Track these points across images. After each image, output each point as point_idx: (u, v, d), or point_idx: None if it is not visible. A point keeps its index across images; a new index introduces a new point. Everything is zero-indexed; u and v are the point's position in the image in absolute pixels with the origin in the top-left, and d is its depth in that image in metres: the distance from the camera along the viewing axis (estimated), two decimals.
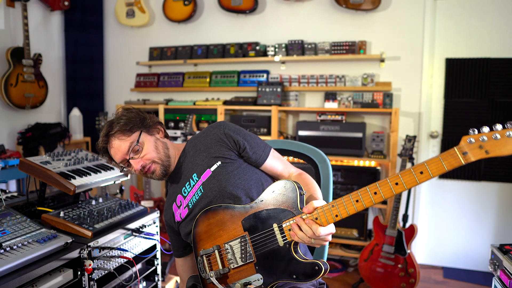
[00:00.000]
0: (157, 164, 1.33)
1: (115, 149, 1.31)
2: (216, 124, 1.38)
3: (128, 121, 1.31)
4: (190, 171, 1.35)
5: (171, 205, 1.41)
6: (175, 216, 1.38)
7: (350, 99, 3.07)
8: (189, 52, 3.52)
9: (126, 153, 1.30)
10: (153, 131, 1.37)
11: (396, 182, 0.93)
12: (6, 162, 2.49)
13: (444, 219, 3.10)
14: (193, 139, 1.42)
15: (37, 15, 3.57)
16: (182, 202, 1.35)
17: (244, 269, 1.13)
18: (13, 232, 1.24)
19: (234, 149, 1.31)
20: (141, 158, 1.31)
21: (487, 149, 0.84)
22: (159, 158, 1.33)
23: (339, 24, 3.19)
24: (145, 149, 1.31)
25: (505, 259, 1.32)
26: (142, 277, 1.63)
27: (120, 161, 1.32)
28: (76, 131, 3.64)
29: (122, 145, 1.30)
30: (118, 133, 1.30)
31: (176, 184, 1.39)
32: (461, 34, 2.95)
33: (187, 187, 1.34)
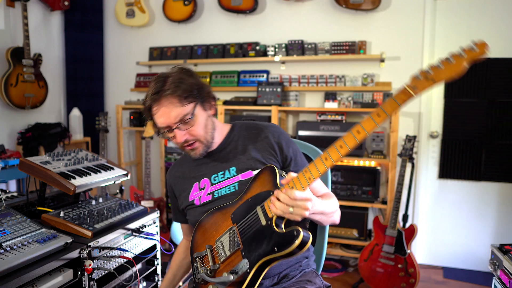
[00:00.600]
0: (200, 143, 1.25)
1: (162, 113, 1.18)
2: (272, 127, 1.32)
3: (188, 87, 1.18)
4: (229, 162, 1.29)
5: (191, 182, 1.34)
6: (190, 195, 1.32)
7: (350, 99, 3.07)
8: (189, 52, 3.52)
9: (174, 121, 1.18)
10: (207, 106, 1.26)
11: (357, 131, 0.99)
12: (6, 162, 2.50)
13: (444, 219, 3.10)
14: (242, 130, 1.35)
15: (37, 15, 3.57)
16: (207, 187, 1.29)
17: (233, 259, 1.12)
18: (13, 232, 1.24)
19: (280, 162, 1.28)
20: (188, 132, 1.21)
21: (432, 77, 0.91)
22: (205, 138, 1.25)
23: (339, 24, 3.19)
24: (195, 124, 1.21)
25: (505, 259, 1.32)
26: (142, 277, 1.63)
27: (163, 126, 1.21)
28: (76, 131, 3.64)
29: (172, 111, 1.17)
30: (172, 96, 1.17)
31: (206, 165, 1.32)
32: (461, 34, 2.95)
33: (219, 176, 1.28)
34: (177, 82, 1.18)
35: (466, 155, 2.99)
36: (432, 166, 3.11)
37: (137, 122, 3.59)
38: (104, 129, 3.36)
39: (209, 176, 1.30)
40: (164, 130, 1.22)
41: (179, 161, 1.46)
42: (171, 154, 3.44)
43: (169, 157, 3.45)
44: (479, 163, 2.95)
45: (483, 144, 2.94)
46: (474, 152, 2.96)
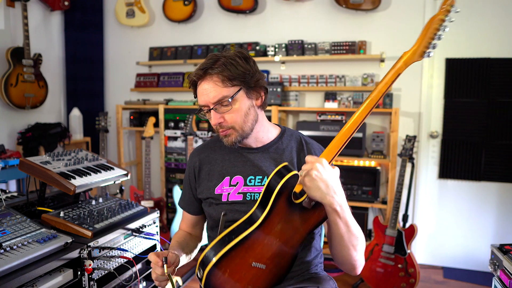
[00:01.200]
0: (235, 131, 1.17)
1: (204, 90, 1.14)
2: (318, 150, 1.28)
3: (236, 70, 1.13)
4: (270, 169, 1.20)
5: (221, 174, 1.25)
6: (217, 188, 1.24)
7: (350, 99, 3.07)
8: (189, 52, 3.52)
9: (212, 101, 1.14)
10: (253, 94, 1.19)
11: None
12: (6, 162, 2.50)
13: (444, 219, 3.10)
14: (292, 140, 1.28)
15: (37, 15, 3.57)
16: (239, 185, 1.22)
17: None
18: (13, 232, 1.24)
19: None
20: (224, 115, 1.15)
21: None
22: (241, 127, 1.17)
23: (339, 24, 3.19)
24: (234, 109, 1.14)
25: (505, 259, 1.32)
26: (142, 277, 1.63)
27: (202, 104, 1.17)
28: (76, 131, 3.64)
29: (213, 91, 1.13)
30: (217, 76, 1.13)
31: (244, 162, 1.24)
32: (461, 34, 2.95)
33: (256, 180, 1.21)
34: (228, 63, 1.13)
35: (466, 155, 2.99)
36: (432, 166, 3.11)
37: (137, 122, 3.59)
38: (104, 129, 3.36)
39: (244, 176, 1.23)
40: (203, 108, 1.18)
41: (211, 145, 1.35)
42: (171, 154, 3.44)
43: (169, 157, 3.45)
44: (479, 163, 2.95)
45: (483, 144, 2.93)
46: (474, 152, 2.96)
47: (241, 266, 1.01)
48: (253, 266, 1.02)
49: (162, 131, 3.42)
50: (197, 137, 3.29)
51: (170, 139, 3.43)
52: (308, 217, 1.06)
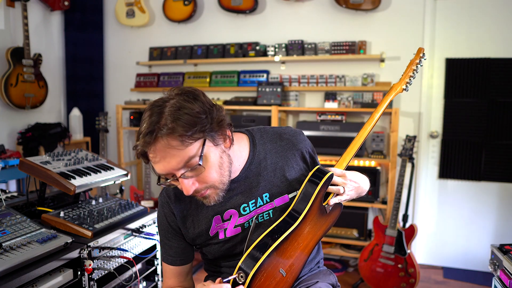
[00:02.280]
0: (215, 190, 0.98)
1: (160, 159, 0.90)
2: (300, 135, 1.16)
3: (191, 119, 0.88)
4: (259, 187, 1.08)
5: (207, 217, 1.09)
6: (211, 230, 1.08)
7: (350, 99, 3.06)
8: (189, 52, 3.52)
9: (177, 168, 0.91)
10: (220, 139, 0.97)
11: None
12: (6, 162, 2.50)
13: (444, 219, 3.10)
14: (266, 142, 1.13)
15: (37, 15, 3.57)
16: (234, 218, 1.08)
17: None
18: (13, 232, 1.24)
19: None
20: (197, 179, 0.95)
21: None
22: (221, 181, 0.98)
23: (339, 24, 3.19)
24: (206, 167, 0.94)
25: (505, 259, 1.32)
26: (142, 277, 1.63)
27: (164, 174, 0.94)
28: (76, 131, 3.64)
29: (173, 157, 0.89)
30: (171, 136, 0.87)
31: (230, 198, 1.08)
32: (461, 34, 2.95)
33: (251, 206, 1.08)
34: (175, 113, 0.88)
35: (466, 155, 2.99)
36: (432, 166, 3.11)
37: (137, 122, 3.59)
38: (104, 129, 3.36)
39: (236, 208, 1.08)
40: (167, 176, 0.95)
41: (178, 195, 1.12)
42: None
43: None
44: (479, 163, 2.95)
45: (483, 144, 2.93)
46: (474, 152, 2.96)
47: (272, 273, 0.96)
48: (279, 272, 0.98)
49: None
50: None
51: None
52: (324, 221, 1.08)
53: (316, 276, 1.20)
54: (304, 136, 1.21)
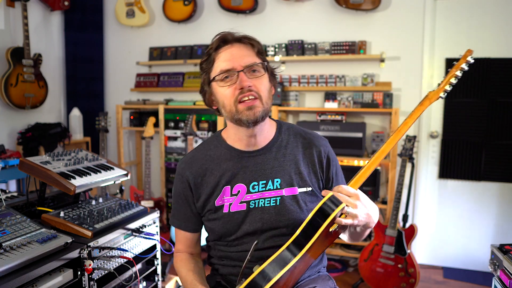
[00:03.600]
0: (261, 104, 1.08)
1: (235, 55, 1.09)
2: (323, 140, 1.21)
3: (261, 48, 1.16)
4: (273, 171, 1.14)
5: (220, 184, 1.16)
6: (218, 199, 1.16)
7: (350, 99, 3.06)
8: (189, 52, 3.52)
9: (243, 63, 1.08)
10: (271, 81, 1.16)
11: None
12: (6, 162, 2.50)
13: (444, 219, 3.10)
14: (290, 134, 1.21)
15: (37, 15, 3.57)
16: (241, 194, 1.14)
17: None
18: (13, 232, 1.24)
19: (323, 180, 1.18)
20: (253, 80, 1.08)
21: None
22: (266, 101, 1.10)
23: (339, 24, 3.19)
24: (262, 77, 1.10)
25: (505, 259, 1.32)
26: (142, 277, 1.63)
27: (228, 68, 1.08)
28: (76, 131, 3.64)
29: (247, 56, 1.09)
30: (251, 45, 1.13)
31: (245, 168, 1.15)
32: (461, 34, 2.95)
33: (260, 185, 1.14)
34: (257, 41, 1.16)
35: (466, 155, 2.99)
36: (432, 166, 3.11)
37: (137, 122, 3.59)
38: (104, 129, 3.36)
39: (246, 183, 1.14)
40: (226, 73, 1.08)
41: (200, 155, 1.23)
42: (171, 154, 3.44)
43: (169, 157, 3.45)
44: (479, 163, 2.95)
45: (483, 144, 2.93)
46: (474, 152, 2.96)
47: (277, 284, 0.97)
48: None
49: (162, 131, 3.42)
50: (197, 137, 3.29)
51: (170, 139, 3.43)
52: (329, 239, 1.04)
53: (315, 281, 1.20)
54: (327, 142, 1.24)
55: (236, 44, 1.11)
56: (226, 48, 1.10)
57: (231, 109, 1.09)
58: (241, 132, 1.15)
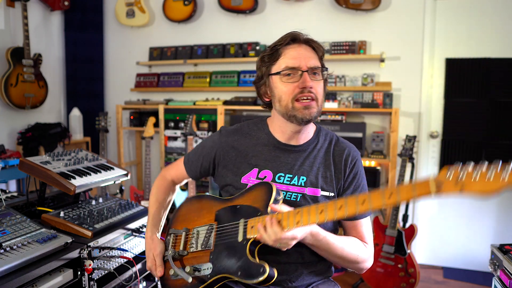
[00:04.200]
0: (316, 106, 1.14)
1: (303, 54, 1.15)
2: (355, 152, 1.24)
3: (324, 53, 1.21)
4: (302, 169, 1.19)
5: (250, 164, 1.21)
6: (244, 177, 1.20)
7: (350, 99, 3.06)
8: (189, 52, 3.52)
9: (309, 65, 1.13)
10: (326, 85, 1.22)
11: (363, 201, 0.90)
12: (6, 162, 2.50)
13: (444, 219, 3.10)
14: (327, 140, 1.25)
15: (37, 15, 3.57)
16: (266, 179, 1.18)
17: (201, 255, 1.15)
18: (13, 232, 1.24)
19: (340, 189, 1.20)
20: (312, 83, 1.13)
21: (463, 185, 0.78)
22: (321, 104, 1.16)
23: (339, 24, 3.19)
24: (321, 82, 1.17)
25: (505, 259, 1.32)
26: (142, 277, 1.63)
27: (294, 67, 1.14)
28: (76, 131, 3.64)
29: (313, 58, 1.16)
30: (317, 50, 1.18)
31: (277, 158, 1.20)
32: (461, 34, 2.95)
33: (286, 178, 1.18)
34: (320, 44, 1.21)
35: (466, 155, 2.99)
36: (432, 166, 3.11)
37: (137, 122, 3.59)
38: (104, 129, 3.36)
39: (274, 171, 1.19)
40: (289, 71, 1.14)
41: (243, 130, 1.30)
42: (171, 154, 3.44)
43: (169, 157, 3.45)
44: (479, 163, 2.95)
45: (483, 144, 2.93)
46: (474, 152, 2.96)
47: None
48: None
49: (162, 131, 3.42)
50: (197, 137, 3.29)
51: (170, 139, 3.43)
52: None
53: (319, 285, 1.21)
54: (359, 155, 1.26)
55: (304, 45, 1.17)
56: (295, 47, 1.17)
57: (287, 104, 1.14)
58: (288, 127, 1.19)
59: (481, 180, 0.76)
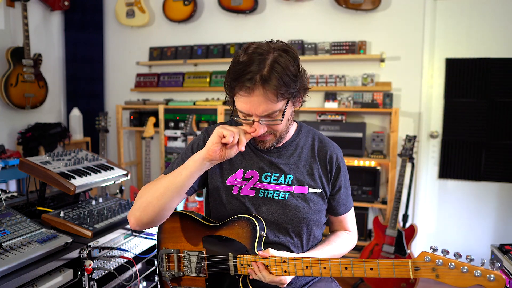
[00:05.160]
0: (274, 138, 1.12)
1: (253, 102, 1.01)
2: (338, 149, 1.24)
3: (288, 80, 1.00)
4: (288, 167, 1.17)
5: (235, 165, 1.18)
6: (229, 179, 1.18)
7: (350, 99, 3.06)
8: (189, 52, 3.52)
9: (259, 114, 1.04)
10: (297, 101, 1.11)
11: (345, 267, 0.98)
12: (6, 162, 2.50)
13: (444, 219, 3.10)
14: (309, 137, 1.23)
15: (37, 15, 3.57)
16: (253, 181, 1.17)
17: (196, 279, 1.18)
18: (13, 232, 1.24)
19: (329, 186, 1.21)
20: (268, 126, 1.08)
21: (438, 273, 0.88)
22: (281, 134, 1.12)
23: (339, 24, 3.19)
24: (277, 124, 1.08)
25: (505, 259, 1.32)
26: (142, 277, 1.63)
27: (245, 113, 1.06)
28: (76, 131, 3.64)
29: (262, 104, 1.01)
30: (272, 91, 0.99)
31: (261, 158, 1.18)
32: (461, 34, 2.95)
33: (273, 178, 1.16)
34: (284, 75, 0.99)
35: (466, 155, 2.99)
36: (432, 166, 3.11)
37: (137, 122, 3.59)
38: (104, 129, 3.36)
39: (260, 171, 1.17)
40: (243, 117, 1.08)
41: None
42: (171, 154, 3.44)
43: (169, 157, 3.45)
44: (479, 163, 2.95)
45: (483, 144, 2.93)
46: (474, 152, 2.96)
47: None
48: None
49: (162, 131, 3.42)
50: None
51: (170, 139, 3.43)
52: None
53: (318, 283, 1.23)
54: (341, 153, 1.27)
55: (256, 90, 1.00)
56: (245, 95, 1.02)
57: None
58: None
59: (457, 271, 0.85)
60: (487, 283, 0.82)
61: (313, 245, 1.23)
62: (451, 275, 0.86)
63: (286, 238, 1.15)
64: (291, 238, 1.16)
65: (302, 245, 1.18)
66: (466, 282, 0.84)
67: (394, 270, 0.92)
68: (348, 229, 1.32)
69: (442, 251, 0.90)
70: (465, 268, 0.85)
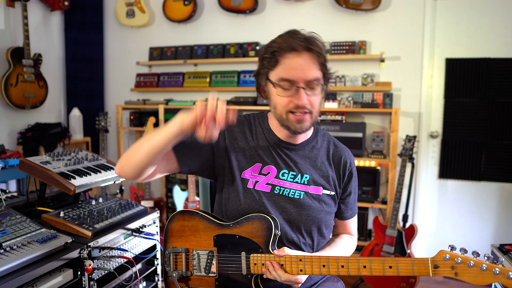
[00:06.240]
0: (310, 118, 1.11)
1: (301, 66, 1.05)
2: (351, 155, 1.29)
3: (324, 54, 1.11)
4: (304, 167, 1.18)
5: (253, 158, 1.17)
6: (245, 172, 1.16)
7: (350, 99, 3.06)
8: (189, 52, 3.52)
9: (306, 79, 1.06)
10: (325, 88, 1.16)
11: (364, 265, 1.01)
12: (6, 162, 2.50)
13: (444, 219, 3.10)
14: (325, 140, 1.26)
15: (37, 15, 3.57)
16: (270, 176, 1.16)
17: (205, 279, 1.17)
18: (13, 232, 1.24)
19: (340, 190, 1.24)
20: (309, 98, 1.08)
21: (457, 271, 0.89)
22: (316, 115, 1.13)
23: (339, 24, 3.19)
24: (318, 94, 1.11)
25: (505, 259, 1.32)
26: (142, 277, 1.63)
27: (291, 79, 1.06)
28: (76, 131, 3.64)
29: (312, 69, 1.06)
30: (317, 57, 1.08)
31: (278, 156, 1.18)
32: (461, 34, 2.95)
33: (290, 175, 1.17)
34: (320, 41, 1.10)
35: (466, 155, 2.99)
36: (432, 166, 3.11)
37: (137, 122, 3.59)
38: (104, 129, 3.36)
39: (278, 168, 1.17)
40: (283, 83, 1.07)
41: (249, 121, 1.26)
42: None
43: None
44: (479, 163, 2.95)
45: (483, 144, 2.93)
46: (474, 152, 2.96)
47: None
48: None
49: None
50: None
51: None
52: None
53: (325, 283, 1.25)
54: (353, 158, 1.32)
55: (304, 54, 1.06)
56: (293, 57, 1.06)
57: (281, 114, 1.11)
58: (284, 131, 1.17)
59: (476, 269, 0.87)
60: (506, 280, 0.84)
61: (322, 247, 1.24)
62: (470, 273, 0.87)
63: (298, 237, 1.16)
64: (303, 238, 1.16)
65: (313, 246, 1.19)
66: (485, 280, 0.86)
67: (414, 268, 0.95)
68: (351, 233, 1.36)
69: (460, 249, 0.91)
70: (484, 266, 0.86)
